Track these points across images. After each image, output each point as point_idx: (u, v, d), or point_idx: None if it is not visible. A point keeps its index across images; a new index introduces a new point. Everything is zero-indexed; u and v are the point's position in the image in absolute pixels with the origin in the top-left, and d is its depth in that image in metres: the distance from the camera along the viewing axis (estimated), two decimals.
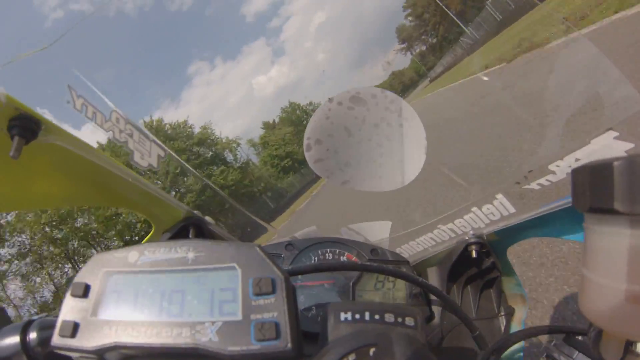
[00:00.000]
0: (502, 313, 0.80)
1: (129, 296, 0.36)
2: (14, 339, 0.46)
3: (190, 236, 0.88)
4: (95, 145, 0.64)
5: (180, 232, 0.88)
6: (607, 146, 0.58)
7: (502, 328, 0.79)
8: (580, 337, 0.53)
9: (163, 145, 0.73)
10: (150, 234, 0.88)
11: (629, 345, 0.34)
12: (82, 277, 0.38)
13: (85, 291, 0.37)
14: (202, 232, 0.90)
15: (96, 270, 0.38)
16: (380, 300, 0.80)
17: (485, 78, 1.60)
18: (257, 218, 1.00)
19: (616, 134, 0.56)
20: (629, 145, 0.55)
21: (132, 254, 0.39)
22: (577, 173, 0.32)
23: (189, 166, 0.83)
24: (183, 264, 0.37)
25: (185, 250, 0.38)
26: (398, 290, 0.81)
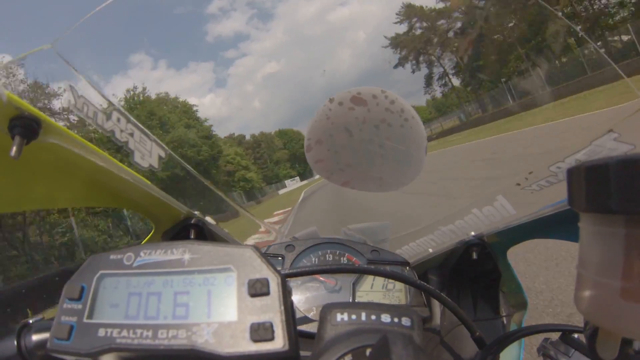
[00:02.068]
0: (502, 314, 0.79)
1: (124, 298, 0.36)
2: (10, 342, 0.46)
3: (191, 237, 0.89)
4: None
5: (180, 232, 0.88)
6: (607, 147, 0.58)
7: (502, 329, 0.78)
8: (576, 335, 0.53)
9: (164, 145, 0.73)
10: (150, 234, 0.88)
11: (625, 343, 0.34)
12: (77, 278, 0.38)
13: (80, 293, 0.37)
14: (203, 233, 0.90)
15: (92, 271, 0.38)
16: (381, 300, 0.80)
17: None
18: (250, 215, 1.01)
19: (616, 135, 0.56)
20: (629, 147, 0.55)
21: (128, 256, 0.39)
22: (573, 173, 0.32)
23: (188, 166, 0.83)
24: (179, 266, 0.37)
25: (182, 252, 0.38)
26: (398, 291, 0.81)
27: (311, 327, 0.74)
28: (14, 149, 0.51)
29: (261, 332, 0.33)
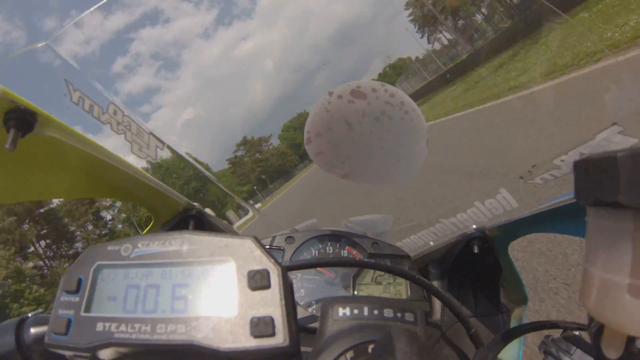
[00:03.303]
0: (503, 309, 0.79)
1: (122, 291, 0.36)
2: (9, 337, 0.45)
3: (190, 228, 0.88)
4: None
5: (179, 224, 0.88)
6: (611, 141, 0.57)
7: (503, 324, 0.78)
8: (577, 333, 0.52)
9: (160, 138, 0.72)
10: (149, 226, 0.88)
11: (630, 341, 0.33)
12: (74, 270, 0.38)
13: (77, 286, 0.36)
14: (202, 224, 0.90)
15: (89, 263, 0.38)
16: (381, 293, 0.80)
17: None
18: (246, 203, 1.00)
19: (620, 128, 0.56)
20: (634, 140, 0.54)
21: (125, 247, 0.38)
22: (580, 166, 0.32)
23: (187, 157, 0.83)
24: (177, 257, 0.36)
25: (180, 243, 0.37)
26: (398, 284, 0.81)
27: (311, 322, 0.74)
28: (9, 141, 0.50)
29: (261, 327, 0.32)
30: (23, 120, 0.52)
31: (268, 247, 0.87)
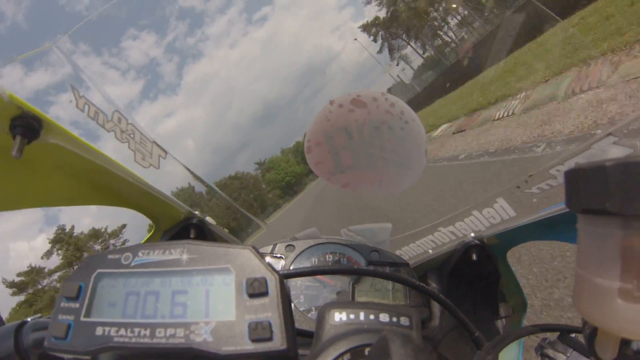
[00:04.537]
0: (502, 316, 0.79)
1: (122, 297, 0.37)
2: (8, 341, 0.46)
3: (191, 236, 0.89)
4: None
5: (180, 232, 0.88)
6: (606, 151, 0.58)
7: (501, 330, 0.78)
8: (574, 335, 0.53)
9: (163, 147, 0.73)
10: (150, 234, 0.89)
11: (624, 343, 0.34)
12: (74, 277, 0.38)
13: (77, 292, 0.37)
14: (203, 233, 0.90)
15: (89, 271, 0.38)
16: (380, 300, 0.80)
17: None
18: (250, 214, 1.01)
19: (616, 138, 0.56)
20: (628, 151, 0.55)
21: (125, 256, 0.39)
22: (571, 175, 0.32)
23: (188, 168, 0.84)
24: (177, 266, 0.37)
25: (180, 252, 0.38)
26: (397, 291, 0.81)
27: (310, 327, 0.74)
28: (15, 148, 0.51)
29: (259, 331, 0.33)
30: (29, 127, 0.52)
31: (269, 254, 0.88)
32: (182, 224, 0.88)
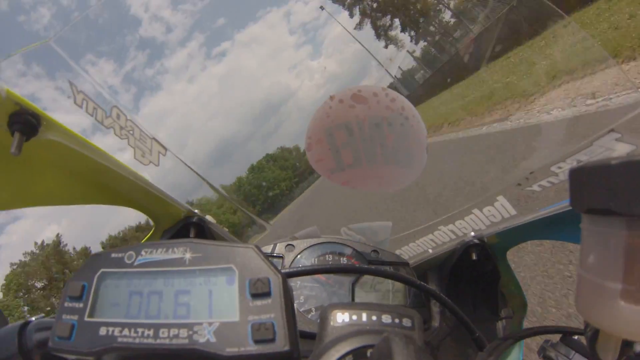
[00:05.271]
0: (502, 315, 0.79)
1: (125, 297, 0.36)
2: (11, 341, 0.46)
3: (191, 235, 0.88)
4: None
5: (181, 231, 0.88)
6: (609, 148, 0.57)
7: (502, 330, 0.78)
8: (576, 337, 0.53)
9: (163, 144, 0.73)
10: (150, 233, 0.88)
11: (625, 345, 0.34)
12: (78, 277, 0.38)
13: (81, 292, 0.37)
14: (203, 232, 0.90)
15: (93, 270, 0.38)
16: (380, 300, 0.80)
17: None
18: (252, 215, 1.01)
19: (618, 135, 0.56)
20: (630, 147, 0.55)
21: (129, 255, 0.38)
22: (575, 174, 0.32)
23: (189, 165, 0.83)
24: (180, 265, 0.37)
25: (183, 251, 0.38)
26: (397, 291, 0.81)
27: (312, 328, 0.74)
28: (14, 145, 0.50)
29: (262, 332, 0.33)
30: (28, 123, 0.52)
31: (268, 254, 0.88)
32: (182, 223, 0.88)
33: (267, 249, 0.89)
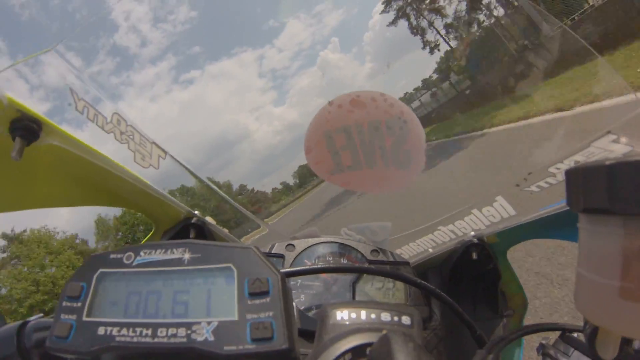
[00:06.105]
0: (502, 314, 0.79)
1: (124, 297, 0.36)
2: (10, 341, 0.46)
3: (191, 236, 0.88)
4: None
5: (180, 232, 0.88)
6: (606, 149, 0.58)
7: (502, 329, 0.79)
8: (576, 335, 0.53)
9: (163, 148, 0.73)
10: (150, 234, 0.89)
11: (624, 342, 0.34)
12: (77, 277, 0.38)
13: (80, 292, 0.37)
14: (203, 233, 0.90)
15: (92, 270, 0.38)
16: (380, 299, 0.80)
17: None
18: (251, 214, 1.01)
19: (614, 136, 0.57)
20: (627, 148, 0.55)
21: (127, 255, 0.39)
22: (572, 174, 0.33)
23: (188, 167, 0.83)
24: (179, 265, 0.37)
25: (182, 251, 0.38)
26: (398, 290, 0.81)
27: (311, 326, 0.74)
28: (15, 150, 0.51)
29: (261, 330, 0.33)
30: (29, 129, 0.53)
31: (269, 254, 0.88)
32: (182, 224, 0.88)
33: (267, 248, 0.90)
